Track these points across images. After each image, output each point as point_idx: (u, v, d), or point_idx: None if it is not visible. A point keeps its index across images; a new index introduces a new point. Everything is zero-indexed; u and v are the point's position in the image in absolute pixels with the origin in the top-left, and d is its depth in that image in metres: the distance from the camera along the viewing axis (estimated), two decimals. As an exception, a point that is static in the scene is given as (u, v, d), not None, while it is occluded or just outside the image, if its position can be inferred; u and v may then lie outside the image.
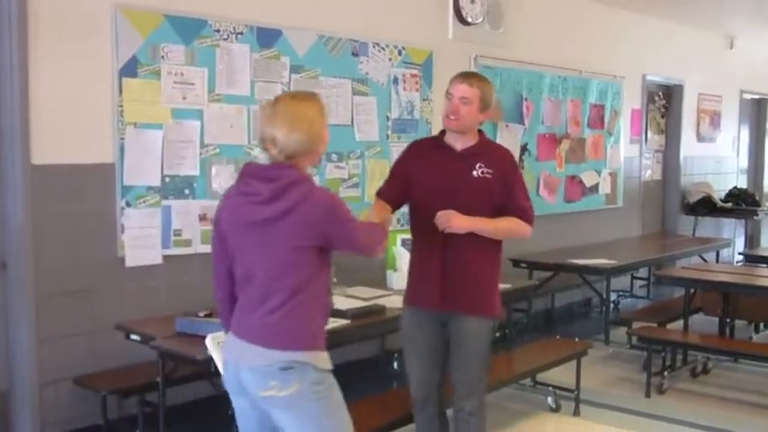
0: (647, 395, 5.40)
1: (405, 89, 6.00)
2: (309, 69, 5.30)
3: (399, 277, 5.00)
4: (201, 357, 3.37)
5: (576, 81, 7.83)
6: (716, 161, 10.70)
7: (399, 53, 5.94)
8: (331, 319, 4.02)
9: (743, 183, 11.47)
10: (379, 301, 4.56)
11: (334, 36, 5.45)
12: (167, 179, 4.58)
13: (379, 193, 3.80)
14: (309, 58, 5.30)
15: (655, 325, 6.00)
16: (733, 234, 10.88)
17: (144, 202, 4.49)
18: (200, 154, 4.72)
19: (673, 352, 5.71)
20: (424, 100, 6.16)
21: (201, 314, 4.05)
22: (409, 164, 3.79)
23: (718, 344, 5.78)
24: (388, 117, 5.88)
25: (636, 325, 6.08)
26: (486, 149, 3.69)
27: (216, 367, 3.29)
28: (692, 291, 5.96)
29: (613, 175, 8.54)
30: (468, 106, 3.59)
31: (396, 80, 5.92)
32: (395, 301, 4.56)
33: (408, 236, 5.16)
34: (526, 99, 7.18)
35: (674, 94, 9.77)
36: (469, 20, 6.51)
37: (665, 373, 5.55)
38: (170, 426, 3.92)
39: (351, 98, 5.59)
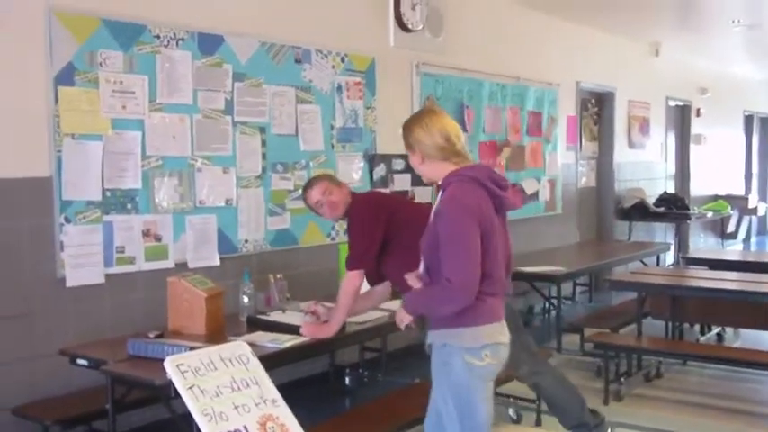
0: (606, 402, 5.34)
1: (348, 97, 5.85)
2: (252, 77, 5.10)
3: (353, 290, 4.85)
4: (161, 382, 3.14)
5: (515, 88, 7.81)
6: (646, 167, 10.85)
7: (342, 60, 5.79)
8: (290, 336, 3.89)
9: (671, 188, 11.66)
10: (336, 316, 4.38)
11: (277, 43, 5.27)
12: (108, 193, 4.32)
13: None
14: (252, 66, 5.10)
15: (608, 331, 5.97)
16: (664, 237, 11.05)
17: (84, 217, 4.22)
18: (143, 166, 4.48)
19: (628, 357, 5.67)
20: (367, 108, 6.02)
21: (152, 335, 3.83)
22: None
23: (675, 348, 5.75)
24: (332, 126, 5.72)
25: (588, 331, 6.04)
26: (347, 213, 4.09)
27: (176, 391, 3.09)
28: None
29: (552, 183, 8.55)
30: (327, 202, 4.08)
31: (339, 88, 5.76)
32: (352, 316, 4.40)
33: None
34: (467, 107, 7.11)
35: (605, 101, 9.87)
36: (410, 27, 6.41)
37: (622, 380, 5.51)
38: (120, 455, 3.67)
39: (295, 107, 5.41)
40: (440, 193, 3.10)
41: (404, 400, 4.39)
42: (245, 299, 4.33)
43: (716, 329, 7.03)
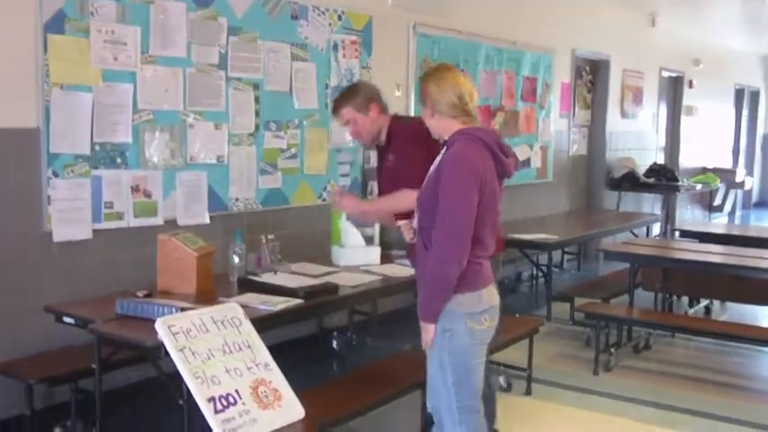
0: (596, 372, 5.32)
1: (344, 56, 5.71)
2: (247, 32, 4.96)
3: (345, 253, 4.77)
4: (151, 344, 3.05)
5: (511, 53, 7.68)
6: (637, 137, 10.78)
7: (339, 18, 5.64)
8: (283, 298, 3.80)
9: (661, 159, 11.61)
10: (329, 279, 4.31)
11: (274, -3, 5.12)
12: (97, 147, 4.19)
13: None
14: (247, 20, 4.95)
15: (599, 301, 5.93)
16: (651, 208, 11.02)
17: (72, 171, 4.09)
18: (133, 120, 4.34)
19: (618, 328, 5.64)
20: (363, 68, 5.88)
21: (140, 294, 3.73)
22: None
23: (666, 320, 5.74)
24: (327, 85, 5.59)
25: (578, 301, 6.00)
26: (391, 137, 3.93)
27: (166, 352, 3.00)
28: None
29: (544, 149, 8.47)
30: (355, 125, 3.93)
31: (335, 46, 5.62)
32: (345, 278, 4.33)
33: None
34: (463, 70, 6.97)
35: (600, 69, 9.76)
36: (409, -15, 6.26)
37: (612, 351, 5.48)
38: (106, 413, 3.58)
39: (290, 64, 5.27)
40: (444, 149, 3.08)
41: (397, 365, 4.33)
42: (236, 259, 4.23)
43: (704, 302, 7.01)
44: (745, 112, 15.58)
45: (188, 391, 2.89)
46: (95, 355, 3.41)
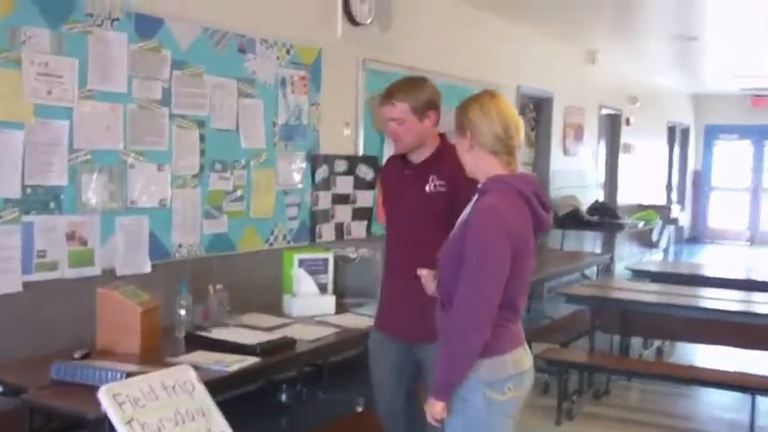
0: (558, 422, 5.10)
1: (293, 92, 5.43)
2: (193, 66, 4.63)
3: (298, 302, 4.49)
4: (94, 416, 2.69)
5: (459, 90, 7.49)
6: (578, 175, 10.73)
7: (288, 51, 5.37)
8: (237, 357, 3.48)
9: (601, 196, 11.61)
10: (283, 332, 4.01)
11: (220, 29, 4.81)
12: (29, 190, 3.78)
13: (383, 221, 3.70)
14: (193, 53, 4.63)
15: (557, 346, 5.73)
16: (593, 247, 10.97)
17: (0, 217, 3.69)
18: (69, 160, 3.96)
19: (580, 374, 5.45)
20: (312, 104, 5.61)
21: (78, 354, 3.37)
22: (384, 184, 3.63)
23: (629, 366, 5.59)
24: (274, 123, 5.29)
25: (537, 346, 5.78)
26: (442, 157, 3.29)
27: (111, 425, 2.66)
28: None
29: (491, 188, 8.29)
30: (402, 125, 3.33)
31: (283, 82, 5.34)
32: (300, 331, 4.04)
33: (308, 255, 4.69)
34: (412, 107, 6.76)
35: (543, 106, 9.70)
36: (358, 19, 6.03)
37: (574, 398, 5.27)
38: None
39: (236, 100, 4.97)
40: (474, 197, 2.73)
41: (352, 428, 4.02)
42: (183, 312, 3.89)
43: (657, 343, 6.90)
44: (676, 149, 15.82)
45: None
46: (26, 428, 3.03)
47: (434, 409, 2.64)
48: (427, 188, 3.27)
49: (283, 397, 5.26)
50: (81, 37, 3.99)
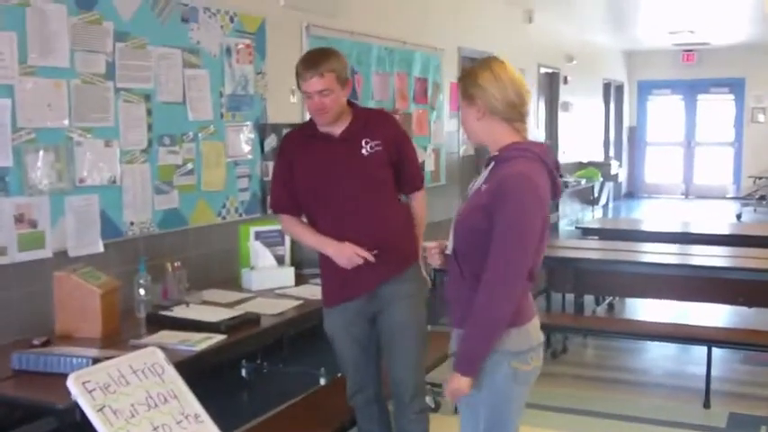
0: (519, 383, 5.13)
1: (238, 61, 5.30)
2: (136, 37, 4.47)
3: (257, 276, 4.41)
4: (64, 406, 2.60)
5: (402, 53, 7.45)
6: (520, 135, 10.76)
7: (231, 20, 5.22)
8: (202, 335, 3.40)
9: (542, 155, 11.68)
10: (245, 307, 3.93)
11: (162, -2, 4.66)
12: (-28, 173, 3.63)
13: (281, 208, 3.46)
14: (136, 24, 4.47)
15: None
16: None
17: (-56, 202, 3.53)
18: (13, 140, 3.79)
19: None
20: (257, 74, 5.48)
21: (37, 342, 3.25)
22: (291, 162, 3.40)
23: (585, 323, 5.66)
24: (221, 93, 5.15)
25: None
26: (365, 121, 3.36)
27: (82, 413, 2.57)
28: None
29: (437, 152, 8.29)
30: (330, 96, 3.23)
31: (228, 51, 5.20)
32: (263, 305, 3.97)
33: (264, 227, 4.60)
34: (356, 73, 6.68)
35: (484, 67, 9.66)
36: (301, -15, 5.90)
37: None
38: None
39: (182, 71, 4.82)
40: (490, 164, 2.61)
41: (332, 398, 3.98)
42: (143, 292, 3.78)
43: (608, 299, 7.01)
44: (612, 106, 16.01)
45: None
46: (-10, 419, 2.92)
47: (460, 384, 2.52)
48: (363, 152, 3.27)
49: (243, 372, 5.20)
50: (18, 9, 3.80)
